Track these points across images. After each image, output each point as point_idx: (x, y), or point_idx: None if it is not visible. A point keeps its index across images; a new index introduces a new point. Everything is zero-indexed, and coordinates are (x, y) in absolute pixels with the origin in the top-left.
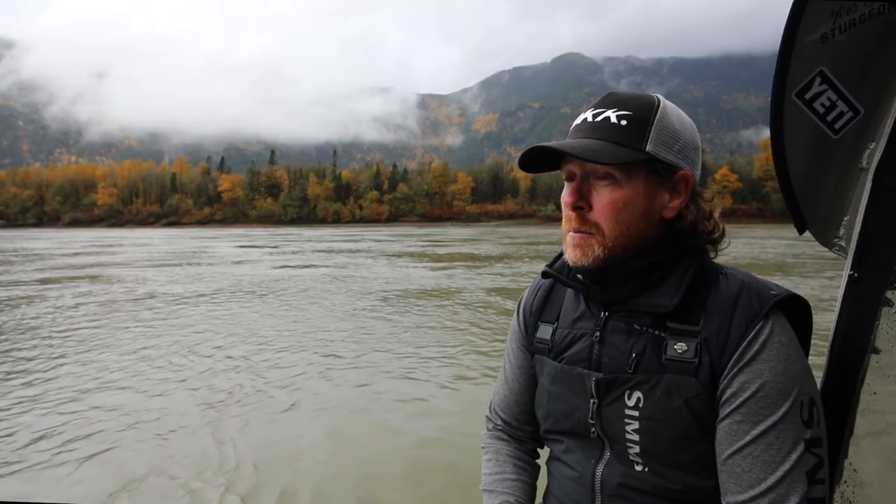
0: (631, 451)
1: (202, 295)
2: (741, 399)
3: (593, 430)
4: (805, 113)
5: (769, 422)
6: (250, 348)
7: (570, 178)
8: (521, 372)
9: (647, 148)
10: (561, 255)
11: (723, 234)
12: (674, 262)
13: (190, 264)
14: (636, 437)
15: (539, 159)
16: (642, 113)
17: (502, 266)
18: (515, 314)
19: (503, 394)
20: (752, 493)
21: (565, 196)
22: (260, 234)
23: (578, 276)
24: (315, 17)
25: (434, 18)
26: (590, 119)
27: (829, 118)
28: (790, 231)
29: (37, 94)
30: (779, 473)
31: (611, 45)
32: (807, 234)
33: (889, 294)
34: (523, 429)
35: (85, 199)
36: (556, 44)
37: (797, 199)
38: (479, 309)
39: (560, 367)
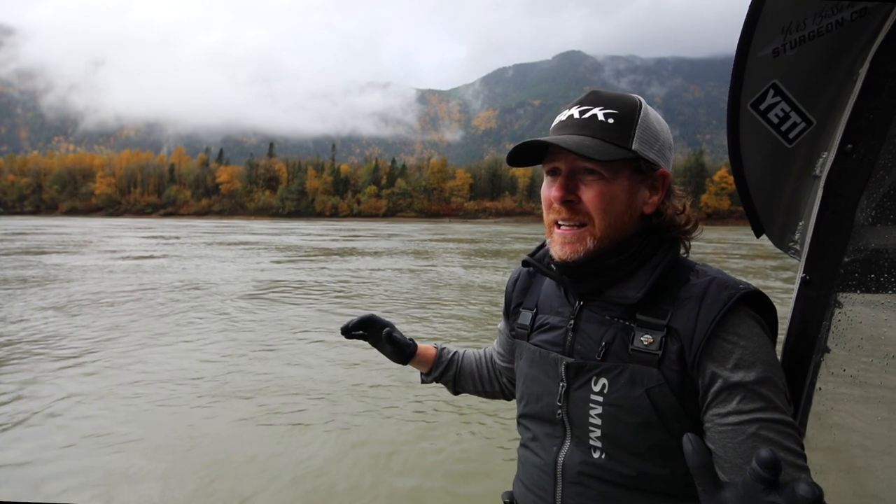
0: (592, 435)
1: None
2: (722, 384)
3: (559, 412)
4: (760, 123)
5: (761, 414)
6: None
7: (553, 173)
8: (503, 337)
9: (633, 146)
10: (543, 244)
11: (695, 226)
12: (646, 257)
13: (58, 253)
14: (598, 422)
15: (523, 154)
16: (627, 112)
17: (369, 261)
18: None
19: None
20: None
21: (552, 191)
22: (207, 225)
23: (553, 266)
24: (317, 9)
25: (440, 13)
26: (576, 115)
27: (783, 128)
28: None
29: (35, 81)
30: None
31: (613, 44)
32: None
33: (839, 296)
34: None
35: (83, 188)
36: (562, 40)
37: (754, 205)
38: (187, 302)
39: (538, 351)
